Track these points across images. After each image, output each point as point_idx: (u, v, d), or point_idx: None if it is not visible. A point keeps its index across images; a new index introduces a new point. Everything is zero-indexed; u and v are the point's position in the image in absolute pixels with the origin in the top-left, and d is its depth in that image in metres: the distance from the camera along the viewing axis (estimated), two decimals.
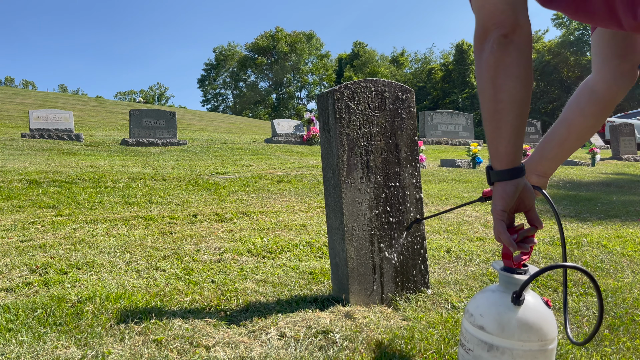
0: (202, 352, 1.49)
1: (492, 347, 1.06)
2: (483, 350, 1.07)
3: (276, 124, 15.08)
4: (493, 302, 1.09)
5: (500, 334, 1.05)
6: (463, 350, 1.12)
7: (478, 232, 3.46)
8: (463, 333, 1.13)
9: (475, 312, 1.10)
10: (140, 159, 9.01)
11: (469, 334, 1.11)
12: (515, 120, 1.02)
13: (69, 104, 27.00)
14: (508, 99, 1.00)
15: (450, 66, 48.62)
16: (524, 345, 1.04)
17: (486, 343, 1.07)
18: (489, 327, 1.06)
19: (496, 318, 1.06)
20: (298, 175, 6.88)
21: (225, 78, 64.39)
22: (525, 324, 1.05)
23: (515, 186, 1.04)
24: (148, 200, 4.60)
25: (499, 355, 1.05)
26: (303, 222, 3.68)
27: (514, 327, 1.04)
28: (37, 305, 1.80)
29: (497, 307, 1.08)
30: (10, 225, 3.42)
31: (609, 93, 1.29)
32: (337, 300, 1.97)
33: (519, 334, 1.04)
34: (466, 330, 1.12)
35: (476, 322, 1.09)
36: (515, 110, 1.01)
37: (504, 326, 1.05)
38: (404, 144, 2.06)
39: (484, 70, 1.02)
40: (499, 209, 1.05)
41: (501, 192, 1.05)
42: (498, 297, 1.09)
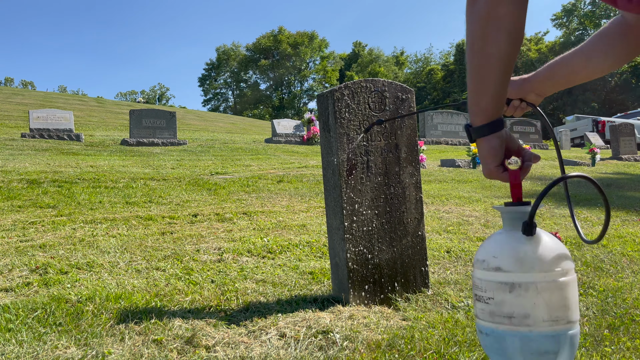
0: (202, 352, 1.49)
1: (513, 286, 0.98)
2: (504, 292, 0.99)
3: (276, 124, 15.07)
4: (504, 241, 1.03)
5: (520, 269, 0.99)
6: (481, 303, 1.04)
7: (478, 232, 3.45)
8: (477, 285, 1.05)
9: (487, 256, 1.03)
10: (140, 159, 9.01)
11: (485, 282, 1.03)
12: (501, 76, 1.00)
13: (69, 104, 27.02)
14: (497, 53, 0.99)
15: (451, 66, 48.62)
16: (546, 276, 0.98)
17: (506, 283, 0.99)
18: (507, 265, 0.99)
19: (512, 254, 1.00)
20: (298, 175, 6.88)
21: (226, 78, 64.44)
22: (543, 253, 0.99)
23: (499, 138, 1.03)
24: (148, 200, 4.60)
25: (522, 293, 0.98)
26: (303, 222, 3.68)
27: (533, 258, 0.98)
28: (37, 305, 1.81)
29: (509, 244, 1.02)
30: (10, 225, 3.43)
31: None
32: (337, 300, 1.97)
33: (539, 265, 0.98)
34: (480, 279, 1.04)
35: (490, 265, 1.02)
36: (502, 66, 1.00)
37: (522, 260, 0.99)
38: (404, 144, 2.06)
39: (475, 22, 1.00)
40: (493, 167, 1.04)
41: (488, 148, 1.03)
42: (507, 236, 1.04)
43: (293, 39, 59.51)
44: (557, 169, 9.79)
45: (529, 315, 0.97)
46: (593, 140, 15.97)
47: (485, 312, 1.03)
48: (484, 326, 1.04)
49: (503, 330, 1.00)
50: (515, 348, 0.99)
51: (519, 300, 0.98)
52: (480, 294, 1.04)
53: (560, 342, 0.99)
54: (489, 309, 1.02)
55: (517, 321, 0.98)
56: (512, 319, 0.99)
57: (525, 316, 0.97)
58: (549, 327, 0.98)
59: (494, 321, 1.01)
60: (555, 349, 0.98)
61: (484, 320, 1.03)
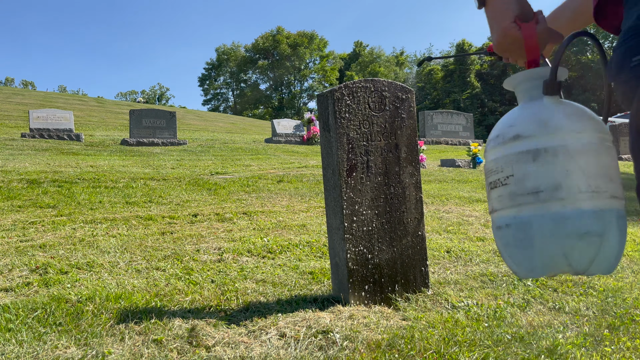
0: (202, 352, 1.49)
1: (538, 153, 0.77)
2: (527, 163, 0.78)
3: (276, 124, 15.07)
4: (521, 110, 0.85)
5: (545, 131, 0.79)
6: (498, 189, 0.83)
7: (478, 232, 3.46)
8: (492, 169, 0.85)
9: (502, 131, 0.84)
10: (140, 159, 9.01)
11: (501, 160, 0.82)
12: None
13: (69, 103, 27.01)
14: None
15: (451, 66, 48.62)
16: (580, 137, 0.77)
17: (529, 152, 0.78)
18: (528, 130, 0.80)
19: (533, 117, 0.81)
20: (298, 175, 6.88)
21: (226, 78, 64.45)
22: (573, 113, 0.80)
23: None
24: (148, 200, 4.60)
25: (550, 159, 0.77)
26: (303, 222, 3.68)
27: (561, 117, 0.79)
28: (37, 305, 1.81)
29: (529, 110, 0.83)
30: (10, 225, 3.43)
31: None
32: (337, 300, 1.97)
33: (569, 124, 0.78)
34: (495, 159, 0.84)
35: (507, 136, 0.82)
36: None
37: (547, 121, 0.79)
38: (404, 143, 2.06)
39: None
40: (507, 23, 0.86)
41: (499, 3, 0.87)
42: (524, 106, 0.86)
43: (292, 39, 59.47)
44: None
45: (560, 186, 0.76)
46: None
47: (503, 197, 0.82)
48: (504, 216, 0.82)
49: (528, 213, 0.78)
50: (546, 233, 0.76)
51: (546, 169, 0.77)
52: (496, 177, 0.84)
53: (605, 221, 0.76)
54: (508, 190, 0.81)
55: (546, 195, 0.77)
56: (539, 195, 0.77)
57: (556, 188, 0.76)
58: (590, 201, 0.76)
59: (517, 203, 0.79)
60: (600, 230, 0.75)
61: (502, 208, 0.83)
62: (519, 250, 0.80)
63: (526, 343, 1.55)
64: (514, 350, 1.49)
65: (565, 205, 0.75)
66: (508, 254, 0.83)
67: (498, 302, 1.97)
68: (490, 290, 2.12)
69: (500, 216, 0.83)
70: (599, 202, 0.76)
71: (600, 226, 0.75)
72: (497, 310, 1.86)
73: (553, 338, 1.58)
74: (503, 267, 2.51)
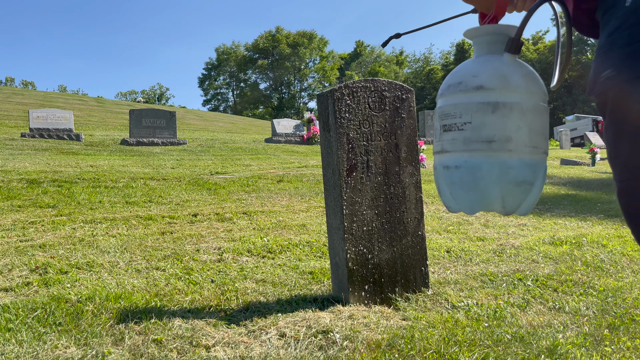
0: (202, 351, 1.49)
1: (497, 106, 0.88)
2: (486, 113, 0.88)
3: (276, 124, 15.07)
4: (484, 61, 0.93)
5: (506, 87, 0.89)
6: (453, 132, 0.92)
7: (478, 232, 3.45)
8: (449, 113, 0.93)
9: (465, 77, 0.92)
10: (140, 159, 9.01)
11: (461, 106, 0.91)
12: None
13: (69, 103, 27.01)
14: None
15: (451, 66, 48.59)
16: (531, 99, 0.90)
17: (489, 103, 0.88)
18: (491, 83, 0.89)
19: (497, 72, 0.89)
20: (298, 175, 6.88)
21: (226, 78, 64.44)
22: (528, 72, 0.91)
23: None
24: (148, 200, 4.60)
25: (507, 113, 0.88)
26: (303, 222, 3.68)
27: (519, 77, 0.89)
28: (37, 305, 1.80)
29: (491, 63, 0.91)
30: (10, 225, 3.42)
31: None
32: (337, 300, 1.97)
33: (525, 85, 0.89)
34: (455, 104, 0.92)
35: (470, 85, 0.90)
36: None
37: (508, 77, 0.89)
38: (404, 143, 2.06)
39: None
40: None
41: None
42: (486, 58, 0.93)
43: (292, 38, 59.43)
44: (554, 168, 9.79)
45: (511, 138, 0.88)
46: (593, 140, 15.97)
47: (457, 141, 0.91)
48: (455, 158, 0.92)
49: (480, 158, 0.89)
50: (492, 177, 0.89)
51: (502, 122, 0.88)
52: (453, 121, 0.92)
53: (537, 172, 0.92)
54: (463, 135, 0.90)
55: (498, 146, 0.88)
56: (492, 144, 0.88)
57: (507, 140, 0.88)
58: (530, 154, 0.89)
59: (470, 148, 0.90)
60: (532, 179, 0.91)
61: (454, 151, 0.92)
62: (463, 190, 0.91)
63: (526, 343, 1.54)
64: (514, 350, 1.49)
65: (512, 156, 0.88)
66: (450, 191, 0.93)
67: (498, 302, 1.97)
68: (490, 290, 2.12)
69: (450, 157, 0.92)
70: (535, 156, 0.90)
71: (533, 176, 0.91)
72: (497, 310, 1.86)
73: (553, 338, 1.58)
74: (503, 267, 2.51)
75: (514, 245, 3.00)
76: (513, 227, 3.64)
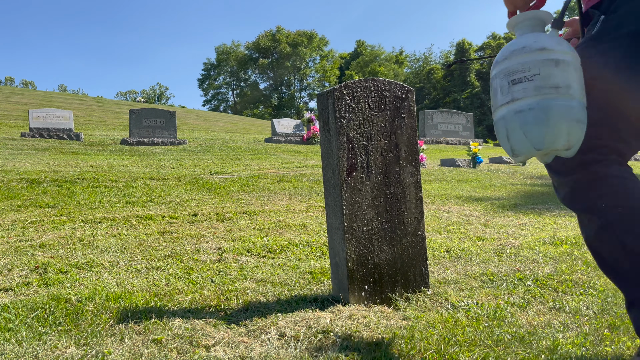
0: (202, 351, 1.49)
1: (559, 62, 1.17)
2: (551, 67, 1.17)
3: (276, 124, 15.07)
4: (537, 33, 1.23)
5: (562, 48, 1.19)
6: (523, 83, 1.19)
7: (478, 232, 3.45)
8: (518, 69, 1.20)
9: (527, 42, 1.21)
10: (140, 159, 9.01)
11: (529, 62, 1.18)
12: None
13: (69, 103, 27.00)
14: None
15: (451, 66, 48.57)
16: (576, 59, 1.21)
17: (552, 60, 1.18)
18: (551, 45, 1.18)
19: (552, 38, 1.21)
20: (298, 174, 6.88)
21: (226, 78, 64.39)
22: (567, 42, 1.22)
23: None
24: (148, 200, 4.60)
25: (566, 68, 1.18)
26: (303, 222, 3.68)
27: (565, 43, 1.21)
28: (36, 305, 1.80)
29: (542, 35, 1.22)
30: (10, 225, 3.42)
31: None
32: (337, 299, 1.97)
33: (570, 49, 1.21)
34: (523, 62, 1.19)
35: (534, 47, 1.19)
36: None
37: (561, 42, 1.20)
38: (404, 143, 2.06)
39: None
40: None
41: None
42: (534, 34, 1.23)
43: (292, 38, 59.39)
44: None
45: (571, 86, 1.17)
46: None
47: (528, 89, 1.18)
48: (527, 102, 1.18)
49: (550, 100, 1.15)
50: (561, 115, 1.15)
51: (564, 73, 1.17)
52: (522, 75, 1.19)
53: (584, 114, 1.19)
54: (533, 84, 1.18)
55: (563, 91, 1.16)
56: (559, 89, 1.16)
57: (568, 87, 1.17)
58: (582, 98, 1.19)
59: (541, 93, 1.17)
60: (584, 119, 1.18)
61: (526, 97, 1.18)
62: (536, 126, 1.16)
63: (526, 343, 1.54)
64: (514, 350, 1.49)
65: (574, 98, 1.16)
66: (524, 130, 1.17)
67: (498, 302, 1.97)
68: (491, 290, 2.12)
69: (523, 103, 1.18)
70: (583, 100, 1.19)
71: (584, 116, 1.18)
72: (497, 310, 1.86)
73: (553, 338, 1.57)
74: (503, 267, 2.51)
75: (514, 245, 3.00)
76: (513, 227, 3.64)
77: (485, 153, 12.23)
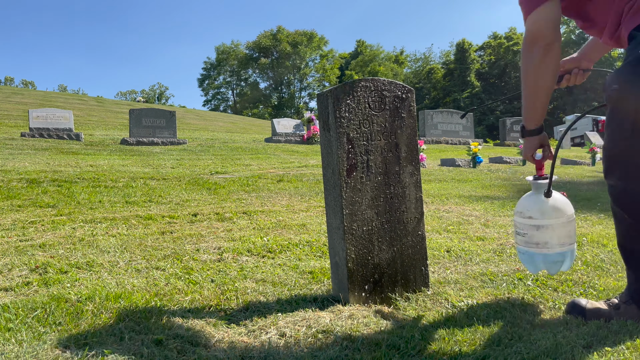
0: (202, 351, 1.49)
1: (539, 227, 1.71)
2: (533, 230, 1.72)
3: (276, 124, 15.07)
4: (533, 200, 1.75)
5: (542, 217, 1.70)
6: (520, 236, 1.78)
7: (478, 232, 3.45)
8: (517, 226, 1.79)
9: (523, 209, 1.76)
10: (140, 159, 9.01)
11: (522, 225, 1.76)
12: (545, 99, 1.65)
13: (69, 103, 26.99)
14: (543, 85, 1.60)
15: (452, 65, 48.56)
16: (557, 221, 1.70)
17: (534, 226, 1.72)
18: (535, 215, 1.72)
19: (538, 208, 1.72)
20: (298, 174, 6.88)
21: (226, 77, 64.39)
22: (554, 207, 1.71)
23: (538, 139, 1.74)
24: (148, 200, 4.60)
25: (543, 231, 1.70)
26: (303, 222, 3.68)
27: (550, 211, 1.70)
28: (36, 305, 1.80)
29: (535, 203, 1.74)
30: (10, 225, 3.42)
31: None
32: (337, 299, 1.97)
33: (554, 214, 1.70)
34: (519, 223, 1.77)
35: (525, 215, 1.74)
36: (546, 93, 1.63)
37: (544, 212, 1.71)
38: (404, 143, 2.06)
39: (530, 64, 1.58)
40: (529, 154, 1.79)
41: (531, 142, 1.76)
42: (535, 197, 1.76)
43: (292, 37, 59.38)
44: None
45: (547, 242, 1.71)
46: (593, 139, 15.96)
47: (522, 241, 1.78)
48: (521, 248, 1.79)
49: (533, 252, 1.74)
50: (540, 260, 1.74)
51: (541, 234, 1.71)
52: (519, 230, 1.78)
53: (564, 255, 1.73)
54: (524, 239, 1.76)
55: (541, 246, 1.72)
56: (538, 245, 1.73)
57: (546, 243, 1.71)
58: (559, 248, 1.72)
59: (528, 246, 1.76)
60: (562, 259, 1.74)
61: (521, 245, 1.79)
62: (527, 263, 1.81)
63: (526, 343, 1.54)
64: (514, 350, 1.49)
65: (550, 250, 1.73)
66: (524, 263, 1.83)
67: (498, 302, 1.97)
68: (491, 290, 2.12)
69: (520, 247, 1.81)
70: (563, 248, 1.73)
71: (562, 258, 1.74)
72: (497, 310, 1.86)
73: (553, 338, 1.57)
74: (503, 267, 2.51)
75: (514, 245, 3.00)
76: (513, 227, 3.64)
77: (485, 153, 12.24)
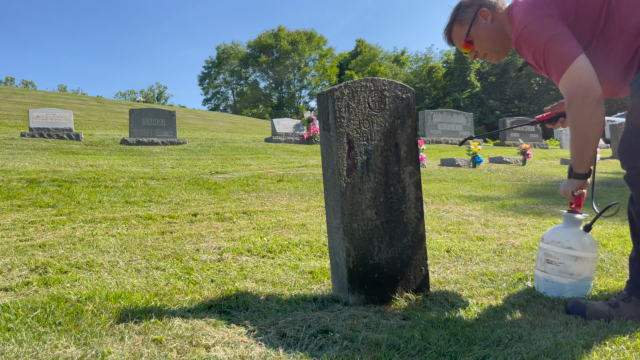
0: (201, 351, 1.49)
1: (577, 258, 1.94)
2: (571, 260, 1.93)
3: (276, 123, 15.06)
4: (572, 233, 1.96)
5: (582, 249, 1.93)
6: (552, 265, 1.97)
7: (478, 232, 3.45)
8: (550, 254, 1.98)
9: (562, 239, 1.96)
10: (140, 158, 9.01)
11: (558, 254, 1.95)
12: (595, 147, 1.81)
13: (69, 103, 26.99)
14: (594, 136, 1.77)
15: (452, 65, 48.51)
16: (592, 255, 1.96)
17: (573, 256, 1.93)
18: (575, 247, 1.93)
19: (578, 241, 1.95)
20: (298, 174, 6.88)
21: (226, 77, 64.39)
22: (592, 242, 1.97)
23: (584, 182, 1.93)
24: (148, 200, 4.59)
25: (581, 262, 1.93)
26: (303, 222, 3.68)
27: (589, 245, 1.96)
28: (36, 305, 1.80)
29: (575, 235, 1.96)
30: (10, 225, 3.42)
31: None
32: (337, 299, 1.97)
33: (591, 248, 1.96)
34: (554, 252, 1.97)
35: (564, 245, 1.94)
36: (597, 141, 1.79)
37: (584, 245, 1.94)
38: (404, 143, 2.06)
39: (585, 117, 1.74)
40: (569, 191, 1.95)
41: (575, 183, 1.92)
42: (573, 230, 1.98)
43: (292, 37, 59.38)
44: (554, 167, 9.80)
45: (581, 273, 1.95)
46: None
47: (554, 270, 1.97)
48: (551, 277, 1.98)
49: (566, 282, 1.95)
50: (568, 290, 1.95)
51: (578, 265, 1.94)
52: (554, 259, 1.97)
53: (589, 287, 2.00)
54: (558, 269, 1.96)
55: (575, 277, 1.95)
56: (572, 275, 1.95)
57: (580, 273, 1.95)
58: (590, 281, 1.98)
59: (561, 276, 1.96)
60: (589, 291, 2.00)
61: (551, 274, 1.98)
62: (550, 290, 2.00)
63: (526, 343, 1.54)
64: (514, 350, 1.49)
65: (582, 280, 1.97)
66: (544, 287, 2.03)
67: (498, 302, 1.97)
68: (491, 290, 2.12)
69: (549, 276, 2.00)
70: (590, 280, 1.99)
71: (587, 290, 2.00)
72: (497, 310, 1.86)
73: (553, 338, 1.57)
74: (503, 267, 2.51)
75: (514, 245, 3.00)
76: (513, 227, 3.64)
77: (485, 153, 12.23)
